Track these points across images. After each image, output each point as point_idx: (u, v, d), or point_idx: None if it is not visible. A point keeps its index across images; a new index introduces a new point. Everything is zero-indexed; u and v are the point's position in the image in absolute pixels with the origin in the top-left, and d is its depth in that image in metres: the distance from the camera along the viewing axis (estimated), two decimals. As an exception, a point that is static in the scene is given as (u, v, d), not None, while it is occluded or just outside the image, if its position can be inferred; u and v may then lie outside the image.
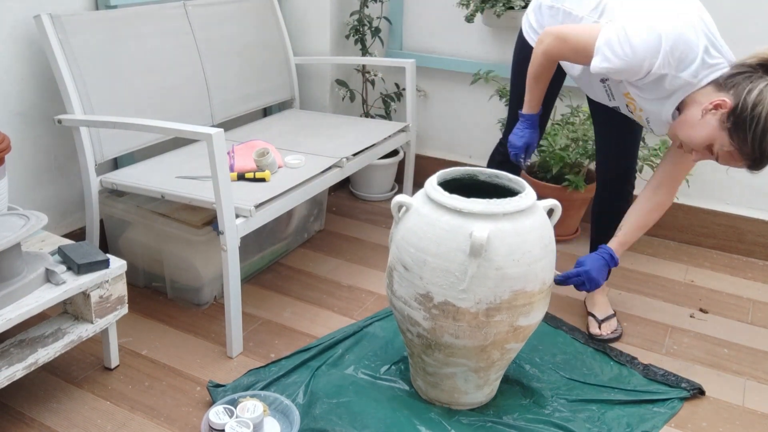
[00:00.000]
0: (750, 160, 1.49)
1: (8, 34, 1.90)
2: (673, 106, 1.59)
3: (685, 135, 1.57)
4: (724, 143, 1.50)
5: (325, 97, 2.88)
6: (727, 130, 1.48)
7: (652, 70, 1.50)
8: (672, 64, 1.50)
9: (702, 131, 1.52)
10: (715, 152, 1.54)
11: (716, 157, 1.55)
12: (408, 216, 1.51)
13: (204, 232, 1.98)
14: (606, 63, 1.54)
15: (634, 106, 1.71)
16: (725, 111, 1.47)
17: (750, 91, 1.44)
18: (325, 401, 1.63)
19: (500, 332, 1.46)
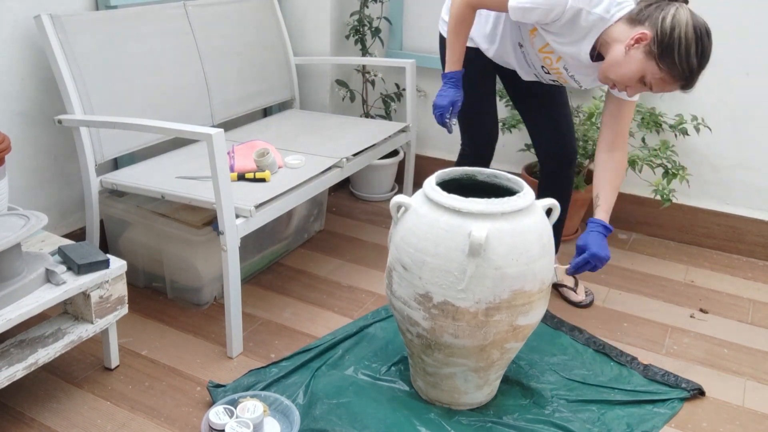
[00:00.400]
0: (682, 80, 1.59)
1: (8, 34, 1.91)
2: (590, 45, 1.67)
3: (616, 74, 1.64)
4: (654, 72, 1.58)
5: (325, 98, 2.88)
6: (654, 59, 1.57)
7: (567, 4, 1.58)
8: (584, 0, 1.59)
9: (631, 66, 1.60)
10: (648, 82, 1.62)
11: (650, 86, 1.63)
12: (407, 216, 1.51)
13: (204, 232, 1.98)
14: None
15: (551, 61, 1.79)
16: (647, 42, 1.56)
17: (664, 19, 1.54)
18: (325, 402, 1.63)
19: (500, 332, 1.46)
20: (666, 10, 1.56)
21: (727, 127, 2.47)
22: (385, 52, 2.97)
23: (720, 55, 2.39)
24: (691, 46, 1.54)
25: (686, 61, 1.55)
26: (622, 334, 2.03)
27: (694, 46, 1.54)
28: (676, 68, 1.56)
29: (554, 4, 1.61)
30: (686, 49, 1.54)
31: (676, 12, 1.55)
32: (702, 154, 2.53)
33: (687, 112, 2.48)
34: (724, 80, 2.42)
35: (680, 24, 1.54)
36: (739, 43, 2.36)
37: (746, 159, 2.48)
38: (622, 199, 2.68)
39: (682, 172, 2.30)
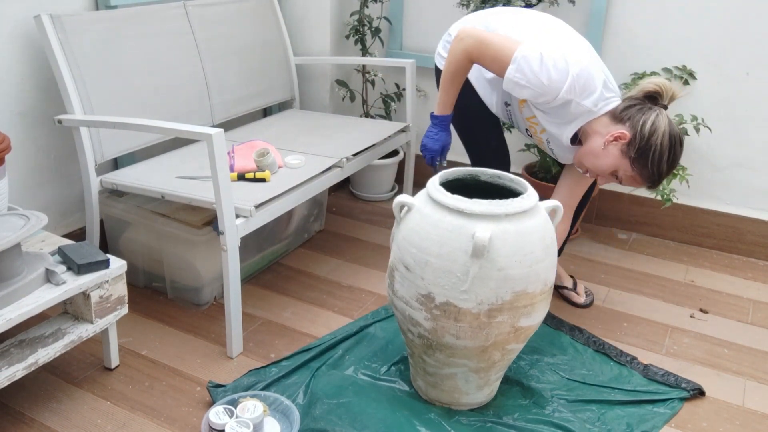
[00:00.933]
0: (650, 181, 1.72)
1: (8, 34, 1.90)
2: (573, 131, 1.77)
3: (591, 164, 1.76)
4: (627, 169, 1.71)
5: (325, 97, 2.88)
6: (629, 159, 1.69)
7: (559, 94, 1.66)
8: (577, 91, 1.67)
9: (606, 160, 1.72)
10: (619, 177, 1.75)
11: (620, 180, 1.76)
12: (410, 216, 1.51)
13: (204, 232, 1.98)
14: (519, 74, 1.68)
15: (535, 130, 1.88)
16: (625, 142, 1.68)
17: (644, 123, 1.66)
18: (325, 402, 1.63)
19: (501, 333, 1.46)
20: (647, 115, 1.67)
21: (727, 127, 2.47)
22: (385, 52, 2.97)
23: (720, 55, 2.40)
24: (664, 154, 1.67)
25: (657, 167, 1.68)
26: (622, 334, 2.03)
27: (666, 154, 1.67)
28: (646, 170, 1.69)
29: (546, 91, 1.67)
30: (659, 156, 1.66)
31: (656, 118, 1.66)
32: (702, 154, 2.53)
33: (687, 112, 2.48)
34: (724, 80, 2.42)
35: (658, 131, 1.65)
36: (739, 43, 2.37)
37: (746, 159, 2.48)
38: (622, 199, 2.69)
39: (682, 172, 2.30)
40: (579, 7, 2.52)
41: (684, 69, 2.45)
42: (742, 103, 2.42)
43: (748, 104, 2.41)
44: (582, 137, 1.79)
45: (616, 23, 2.50)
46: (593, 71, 1.70)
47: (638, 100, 1.72)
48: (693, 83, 2.46)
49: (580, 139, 1.81)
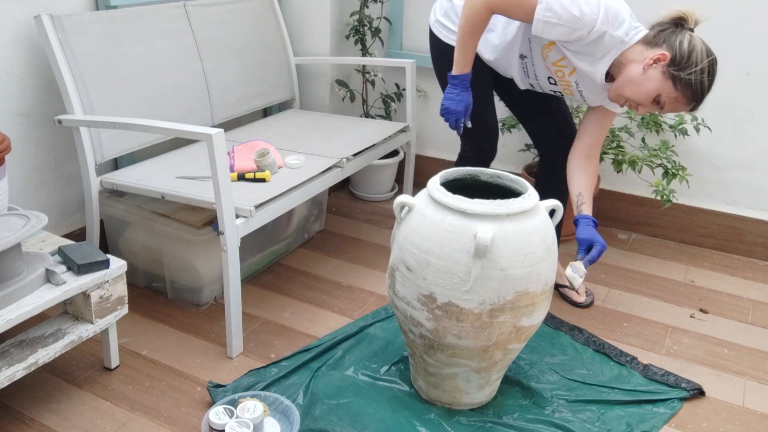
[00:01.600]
0: (693, 101, 1.69)
1: (8, 34, 1.90)
2: (607, 66, 1.74)
3: (632, 92, 1.72)
4: (670, 91, 1.68)
5: (325, 98, 2.88)
6: (671, 79, 1.66)
7: (595, 26, 1.65)
8: (610, 22, 1.66)
9: (648, 85, 1.69)
10: (662, 101, 1.71)
11: (662, 106, 1.72)
12: (411, 216, 1.51)
13: (204, 232, 1.98)
14: (549, 13, 1.65)
15: (563, 73, 1.84)
16: (665, 62, 1.66)
17: (681, 42, 1.65)
18: (326, 402, 1.63)
19: (503, 333, 1.46)
20: (682, 35, 1.66)
21: (727, 127, 2.47)
22: (385, 52, 2.97)
23: (720, 55, 2.39)
24: (705, 69, 1.65)
25: (700, 83, 1.66)
26: (622, 334, 2.03)
27: (707, 70, 1.65)
28: (689, 89, 1.66)
29: (580, 24, 1.65)
30: (701, 71, 1.65)
31: (691, 38, 1.66)
32: (702, 154, 2.53)
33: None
34: (724, 80, 2.42)
35: (696, 48, 1.64)
36: (739, 43, 2.37)
37: (746, 159, 2.48)
38: (622, 199, 2.69)
39: (682, 172, 2.30)
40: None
41: (684, 69, 2.45)
42: (742, 103, 2.42)
43: (748, 104, 2.41)
44: (615, 71, 1.75)
45: (616, 23, 2.49)
46: (619, 4, 1.68)
47: (667, 24, 1.70)
48: (693, 83, 2.45)
49: (611, 76, 1.77)
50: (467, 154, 2.14)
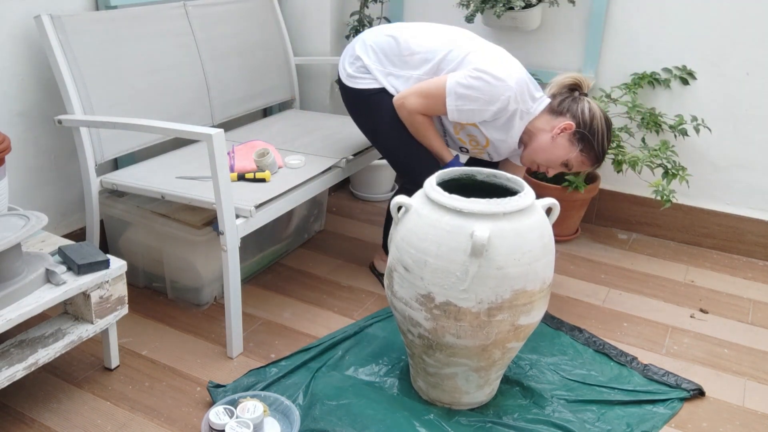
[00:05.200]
0: (597, 161, 1.90)
1: (8, 34, 1.90)
2: (519, 134, 1.90)
3: (543, 158, 1.91)
4: (576, 156, 1.87)
5: (325, 97, 2.88)
6: (577, 145, 1.86)
7: (508, 106, 1.82)
8: (520, 99, 1.83)
9: (557, 152, 1.88)
10: (570, 165, 1.90)
11: (570, 168, 1.91)
12: (408, 217, 1.51)
13: (204, 232, 1.98)
14: (459, 101, 1.83)
15: (477, 143, 2.00)
16: (571, 131, 1.84)
17: (583, 111, 1.84)
18: (325, 402, 1.63)
19: (501, 331, 1.46)
20: (581, 103, 1.85)
21: (727, 127, 2.47)
22: (385, 52, 2.96)
23: (720, 55, 2.40)
24: (604, 133, 1.86)
25: (601, 146, 1.87)
26: (622, 334, 2.03)
27: (606, 133, 1.86)
28: (593, 152, 1.87)
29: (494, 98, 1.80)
30: (602, 136, 1.85)
31: (590, 105, 1.85)
32: (702, 154, 2.53)
33: (687, 113, 2.48)
34: (724, 80, 2.42)
35: (596, 115, 1.84)
36: (739, 43, 2.36)
37: (746, 159, 2.48)
38: (622, 199, 2.69)
39: (682, 172, 2.30)
40: (579, 7, 2.52)
41: (684, 69, 2.45)
42: (742, 104, 2.42)
43: (748, 104, 2.41)
44: (525, 138, 1.92)
45: (616, 23, 2.50)
46: (522, 75, 1.84)
47: (565, 93, 1.88)
48: (693, 83, 2.46)
49: (522, 141, 1.94)
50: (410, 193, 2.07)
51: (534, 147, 1.90)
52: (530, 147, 1.91)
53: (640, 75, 2.48)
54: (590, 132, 1.83)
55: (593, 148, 1.85)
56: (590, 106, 1.85)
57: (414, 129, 1.95)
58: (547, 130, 1.87)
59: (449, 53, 1.89)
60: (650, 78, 2.48)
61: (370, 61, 1.97)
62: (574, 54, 2.59)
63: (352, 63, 2.02)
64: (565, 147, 1.86)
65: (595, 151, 1.86)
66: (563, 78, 1.89)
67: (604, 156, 1.90)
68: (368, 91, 1.98)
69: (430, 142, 1.97)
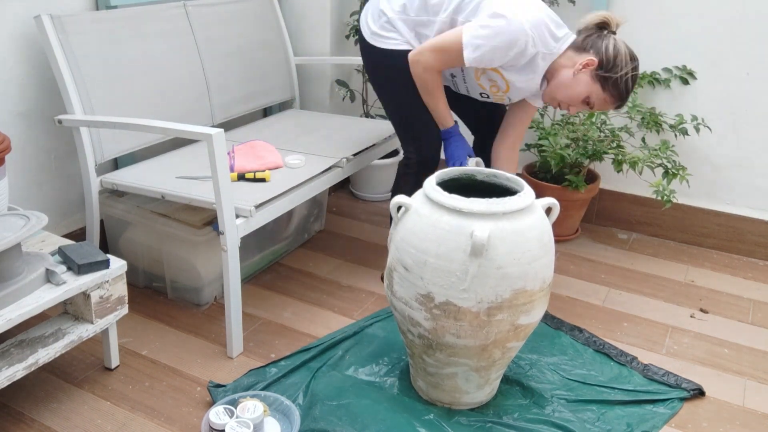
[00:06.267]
0: (619, 99, 1.84)
1: (8, 34, 1.90)
2: (541, 76, 1.87)
3: (564, 95, 1.86)
4: (599, 93, 1.82)
5: (325, 97, 2.88)
6: (599, 81, 1.81)
7: (526, 50, 1.77)
8: (538, 42, 1.78)
9: (578, 88, 1.83)
10: (591, 102, 1.85)
11: (591, 106, 1.86)
12: (407, 217, 1.51)
13: (204, 232, 1.98)
14: (477, 53, 1.78)
15: (497, 88, 1.96)
16: (593, 67, 1.79)
17: (607, 47, 1.79)
18: (326, 402, 1.63)
19: (501, 331, 1.46)
20: (607, 40, 1.80)
21: (728, 127, 2.47)
22: (385, 52, 2.96)
23: (720, 55, 2.40)
24: (629, 71, 1.80)
25: (625, 84, 1.81)
26: (622, 334, 2.03)
27: (631, 72, 1.80)
28: (617, 90, 1.81)
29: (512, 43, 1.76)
30: (625, 73, 1.80)
31: (615, 42, 1.80)
32: (702, 154, 2.53)
33: (687, 112, 2.48)
34: (724, 80, 2.42)
35: (620, 52, 1.79)
36: (739, 43, 2.36)
37: (746, 159, 2.48)
38: (623, 199, 2.69)
39: (682, 172, 2.30)
40: (579, 7, 2.52)
41: (684, 69, 2.45)
42: (742, 103, 2.42)
43: (748, 104, 2.41)
44: (548, 76, 1.87)
45: (616, 23, 2.49)
46: (540, 15, 1.79)
47: (592, 30, 1.84)
48: (693, 83, 2.46)
49: (546, 79, 1.90)
50: (410, 160, 2.10)
51: (555, 83, 1.86)
52: (552, 84, 1.87)
53: (640, 75, 2.48)
54: (613, 69, 1.78)
55: (617, 85, 1.80)
56: (615, 43, 1.79)
57: (424, 87, 1.92)
58: (569, 66, 1.82)
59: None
60: (650, 78, 2.48)
61: (394, 14, 1.94)
62: (574, 54, 2.59)
63: (376, 19, 1.98)
64: (587, 83, 1.81)
65: (619, 89, 1.81)
66: (592, 16, 1.84)
67: (628, 95, 1.84)
68: (393, 53, 1.95)
69: (436, 103, 1.94)
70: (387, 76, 2.01)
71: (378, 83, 2.08)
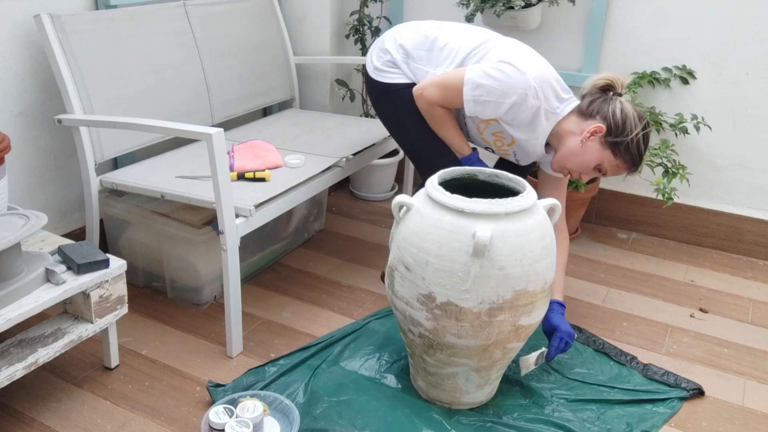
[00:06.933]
0: (633, 165, 1.76)
1: (8, 34, 1.90)
2: (545, 137, 1.80)
3: (574, 164, 1.78)
4: (610, 160, 1.75)
5: (325, 97, 2.88)
6: (610, 148, 1.73)
7: (526, 101, 1.72)
8: (541, 95, 1.73)
9: (588, 156, 1.75)
10: (603, 169, 1.78)
11: (604, 172, 1.79)
12: (409, 216, 1.51)
13: (204, 232, 1.98)
14: (477, 91, 1.75)
15: (502, 143, 1.92)
16: (602, 134, 1.72)
17: (614, 112, 1.72)
18: (326, 400, 1.63)
19: (502, 332, 1.46)
20: (613, 104, 1.73)
21: (728, 127, 2.47)
22: (384, 51, 2.96)
23: (720, 55, 2.40)
24: (640, 135, 1.72)
25: (637, 149, 1.73)
26: (622, 334, 2.03)
27: (642, 135, 1.72)
28: (629, 155, 1.73)
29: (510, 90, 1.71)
30: (636, 137, 1.72)
31: (622, 105, 1.72)
32: (702, 153, 2.53)
33: (687, 111, 2.48)
34: (724, 80, 2.42)
35: (629, 116, 1.71)
36: (739, 43, 2.36)
37: (746, 158, 2.48)
38: (622, 198, 2.69)
39: (683, 171, 2.30)
40: (579, 7, 2.52)
41: (684, 69, 2.45)
42: (742, 103, 2.42)
43: (748, 104, 2.41)
44: (553, 142, 1.82)
45: (616, 23, 2.50)
46: (547, 73, 1.76)
47: (597, 94, 1.77)
48: (693, 83, 2.46)
49: (551, 146, 1.85)
50: None
51: (563, 152, 1.78)
52: (560, 152, 1.79)
53: (640, 74, 2.48)
54: (623, 134, 1.70)
55: (629, 151, 1.72)
56: (623, 107, 1.72)
57: (432, 121, 1.89)
58: (576, 133, 1.75)
59: (476, 48, 1.83)
60: (650, 77, 2.48)
61: (399, 56, 1.93)
62: (574, 53, 2.59)
63: (380, 56, 1.98)
64: (597, 151, 1.74)
65: (631, 154, 1.73)
66: (595, 79, 1.79)
67: (642, 160, 1.75)
68: (394, 86, 1.94)
69: (448, 134, 1.91)
70: (393, 110, 1.99)
71: (385, 118, 2.05)
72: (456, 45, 1.86)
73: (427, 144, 1.95)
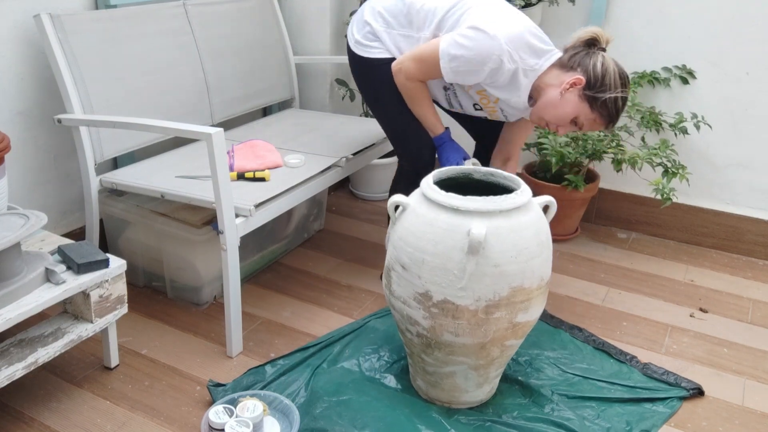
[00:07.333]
0: (609, 120, 1.76)
1: (8, 34, 1.91)
2: (527, 92, 1.80)
3: (551, 115, 1.79)
4: (587, 113, 1.75)
5: (324, 97, 2.88)
6: (588, 101, 1.74)
7: (502, 65, 1.72)
8: (515, 56, 1.73)
9: (566, 108, 1.76)
10: (579, 123, 1.78)
11: (580, 126, 1.79)
12: (405, 216, 1.51)
13: (204, 231, 1.98)
14: (454, 63, 1.75)
15: (488, 101, 1.92)
16: (581, 86, 1.73)
17: (594, 65, 1.72)
18: (326, 399, 1.63)
19: (500, 329, 1.46)
20: (594, 58, 1.73)
21: (728, 126, 2.47)
22: (384, 51, 2.96)
23: (720, 55, 2.40)
24: (618, 90, 1.72)
25: (614, 104, 1.73)
26: (622, 334, 2.03)
27: (620, 91, 1.73)
28: (605, 110, 1.74)
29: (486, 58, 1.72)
30: (614, 93, 1.72)
31: (603, 60, 1.73)
32: (702, 153, 2.53)
33: (687, 111, 2.48)
34: (724, 80, 2.42)
35: (609, 70, 1.72)
36: (739, 43, 2.36)
37: (746, 158, 2.48)
38: (622, 198, 2.69)
39: (682, 171, 2.30)
40: (579, 7, 2.52)
41: (684, 68, 2.45)
42: (741, 103, 2.42)
43: (748, 104, 2.41)
44: (535, 94, 1.82)
45: (616, 23, 2.50)
46: (521, 31, 1.74)
47: (580, 47, 1.77)
48: (693, 82, 2.46)
49: (533, 98, 1.84)
50: (404, 169, 2.10)
51: (542, 103, 1.79)
52: (538, 103, 1.80)
53: (640, 74, 2.48)
54: (602, 88, 1.71)
55: (606, 105, 1.73)
56: (604, 61, 1.72)
57: (408, 96, 1.91)
58: (556, 85, 1.75)
59: (450, 10, 1.82)
60: (650, 77, 2.48)
61: (378, 25, 1.93)
62: (573, 53, 2.59)
63: (360, 29, 1.98)
64: (574, 103, 1.74)
65: (608, 109, 1.73)
66: (581, 32, 1.78)
67: (618, 115, 1.76)
68: (375, 61, 1.95)
69: (423, 111, 1.93)
70: (372, 86, 2.01)
71: (365, 92, 2.08)
72: (432, 6, 1.85)
73: (404, 120, 1.98)
